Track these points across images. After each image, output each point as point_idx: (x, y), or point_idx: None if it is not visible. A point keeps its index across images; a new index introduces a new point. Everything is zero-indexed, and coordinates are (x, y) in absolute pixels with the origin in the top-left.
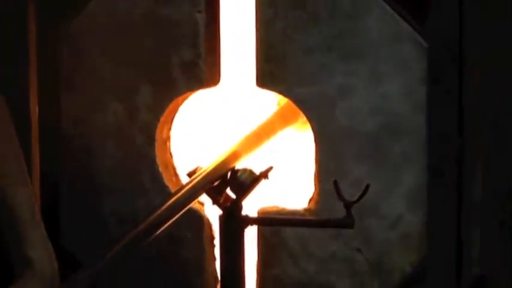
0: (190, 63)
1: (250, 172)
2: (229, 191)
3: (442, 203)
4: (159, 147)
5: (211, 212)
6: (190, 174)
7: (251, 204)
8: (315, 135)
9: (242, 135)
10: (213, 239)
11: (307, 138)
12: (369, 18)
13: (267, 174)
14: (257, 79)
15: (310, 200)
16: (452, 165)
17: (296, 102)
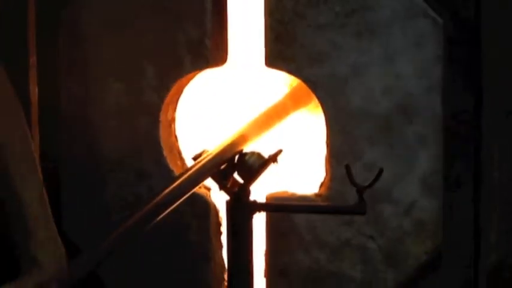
0: (196, 41)
1: (259, 155)
2: (237, 176)
3: (458, 188)
4: (164, 130)
5: (218, 197)
6: (195, 158)
7: (259, 190)
8: (326, 117)
9: (251, 117)
10: (219, 225)
11: (318, 120)
12: None
13: (276, 157)
14: (266, 58)
15: (321, 185)
16: (469, 148)
17: (306, 82)
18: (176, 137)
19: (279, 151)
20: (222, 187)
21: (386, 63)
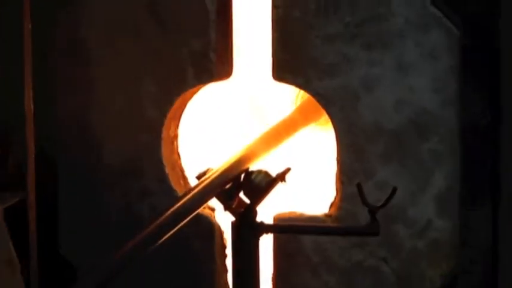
0: (200, 53)
1: (266, 174)
2: (243, 195)
3: (476, 207)
4: (166, 146)
5: (223, 218)
6: (199, 177)
7: (266, 210)
8: (336, 133)
9: (257, 133)
10: (224, 248)
11: (328, 136)
12: (395, 3)
13: (284, 176)
14: (273, 71)
15: (331, 205)
16: (486, 165)
17: (316, 97)
18: (179, 154)
19: (287, 169)
20: (227, 207)
21: (399, 76)
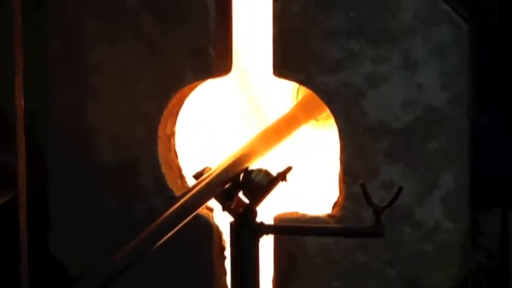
0: (199, 49)
1: (266, 173)
2: (242, 195)
3: (486, 208)
4: (162, 144)
5: (221, 219)
6: (197, 176)
7: (267, 210)
8: (339, 131)
9: (257, 131)
10: (223, 249)
11: (331, 135)
12: None
13: (285, 175)
14: (274, 67)
15: (334, 205)
16: (497, 164)
17: (318, 93)
18: (176, 152)
19: (289, 168)
20: (225, 208)
21: (406, 73)
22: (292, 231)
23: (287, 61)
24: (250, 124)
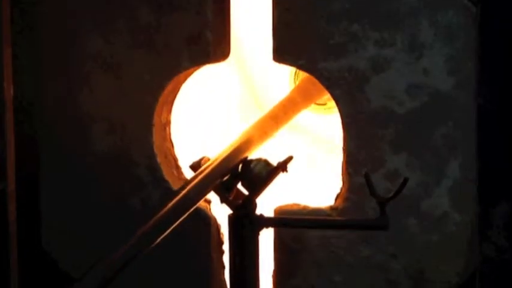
0: (195, 33)
1: (266, 163)
2: (241, 186)
3: (495, 199)
4: (157, 134)
5: (219, 211)
6: (194, 166)
7: (267, 202)
8: (342, 118)
9: (256, 118)
10: (221, 243)
11: (334, 122)
12: None
13: (285, 165)
14: (274, 52)
15: (337, 196)
16: (506, 153)
17: (321, 79)
18: (172, 142)
19: (289, 158)
20: (224, 199)
21: (411, 57)
22: (293, 224)
23: (287, 46)
24: (249, 111)
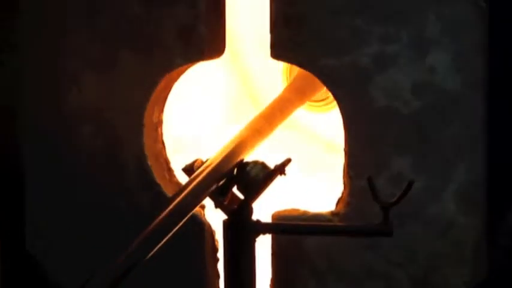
0: (188, 27)
1: (263, 166)
2: (236, 190)
3: (505, 204)
4: (148, 135)
5: (213, 216)
6: (187, 169)
7: (264, 207)
8: (344, 119)
9: (251, 117)
10: (215, 250)
11: (335, 122)
12: None
13: (283, 168)
14: (272, 48)
15: (338, 201)
16: None
17: (321, 77)
18: (163, 143)
19: (288, 160)
20: (218, 204)
21: (417, 54)
22: (291, 231)
23: (286, 41)
24: (245, 111)
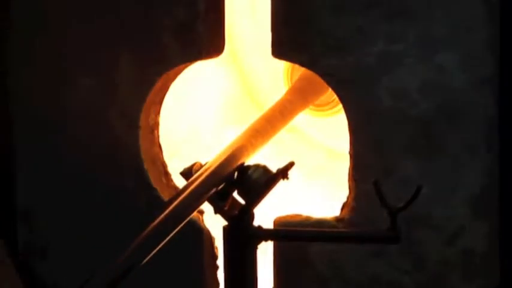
0: (186, 25)
1: (265, 169)
2: (237, 195)
3: None
4: (144, 137)
5: (213, 222)
6: (185, 173)
7: (265, 212)
8: (349, 121)
9: (252, 120)
10: (215, 258)
11: (340, 124)
12: None
13: (286, 172)
14: (273, 47)
15: (343, 206)
16: None
17: (324, 77)
18: (160, 146)
19: (290, 164)
20: (218, 210)
21: (425, 53)
22: (294, 237)
23: (288, 40)
24: (245, 112)
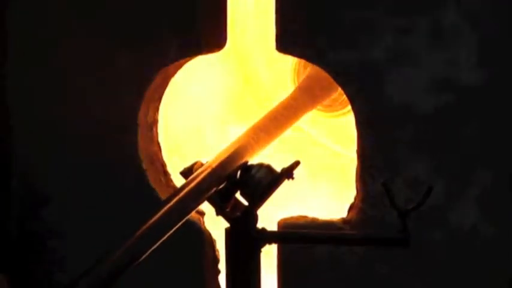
0: (185, 19)
1: (269, 169)
2: (240, 196)
3: None
4: (143, 135)
5: (214, 224)
6: (185, 173)
7: (269, 214)
8: (356, 118)
9: (256, 118)
10: (216, 261)
11: (347, 122)
12: None
13: (291, 171)
14: (277, 41)
15: (350, 207)
16: None
17: (330, 73)
18: (159, 144)
19: (296, 163)
20: (219, 211)
21: (435, 47)
22: (299, 240)
23: (292, 33)
24: (248, 109)
